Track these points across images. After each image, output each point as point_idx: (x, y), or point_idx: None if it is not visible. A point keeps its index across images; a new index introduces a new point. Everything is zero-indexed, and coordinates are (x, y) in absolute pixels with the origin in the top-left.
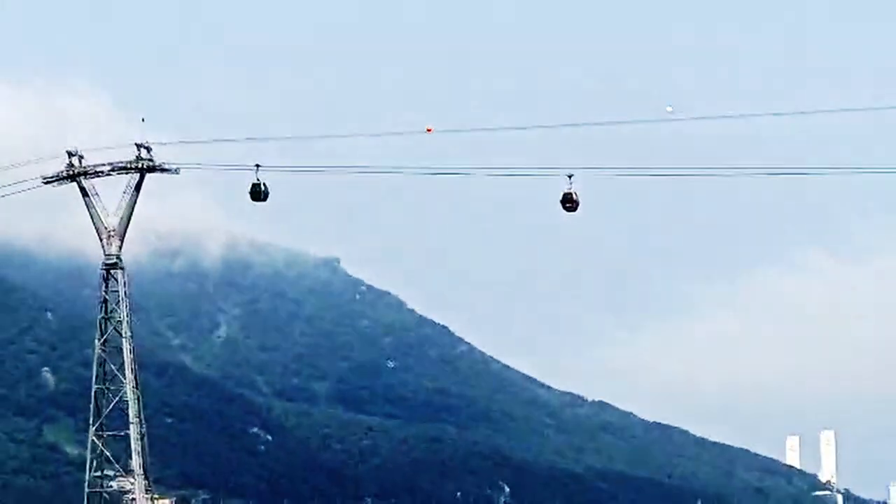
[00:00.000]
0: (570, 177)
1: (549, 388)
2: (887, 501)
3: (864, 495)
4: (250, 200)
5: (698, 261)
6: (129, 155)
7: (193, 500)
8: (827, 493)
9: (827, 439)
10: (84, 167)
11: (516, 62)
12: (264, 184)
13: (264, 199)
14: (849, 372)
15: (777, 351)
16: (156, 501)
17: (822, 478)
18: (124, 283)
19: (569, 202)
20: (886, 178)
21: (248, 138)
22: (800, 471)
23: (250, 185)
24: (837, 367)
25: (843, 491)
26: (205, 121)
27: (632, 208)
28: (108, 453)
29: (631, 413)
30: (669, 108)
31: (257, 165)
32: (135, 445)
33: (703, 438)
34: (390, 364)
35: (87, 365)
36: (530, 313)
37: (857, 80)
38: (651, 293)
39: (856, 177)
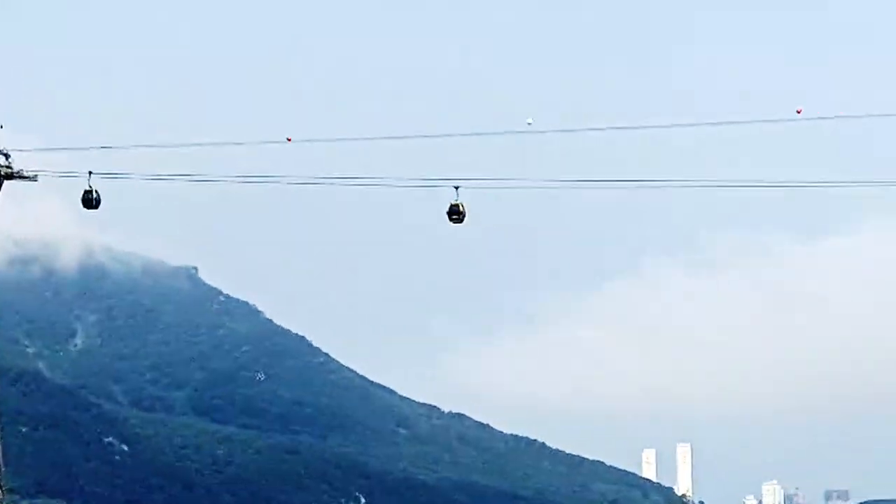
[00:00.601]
0: (456, 188)
1: (406, 399)
2: None
3: None
4: (83, 208)
5: (552, 273)
6: None
7: None
8: None
9: (683, 452)
10: None
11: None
12: (96, 191)
13: (96, 207)
14: (704, 385)
15: (632, 363)
16: None
17: (678, 491)
18: None
19: (455, 214)
20: (738, 192)
21: (103, 146)
22: (656, 484)
23: (82, 192)
24: (693, 380)
25: None
26: (68, 127)
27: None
28: None
29: (488, 425)
30: (530, 121)
31: (90, 172)
32: None
33: (559, 450)
34: (260, 377)
35: None
36: (388, 324)
37: (706, 98)
38: (505, 305)
39: (708, 191)
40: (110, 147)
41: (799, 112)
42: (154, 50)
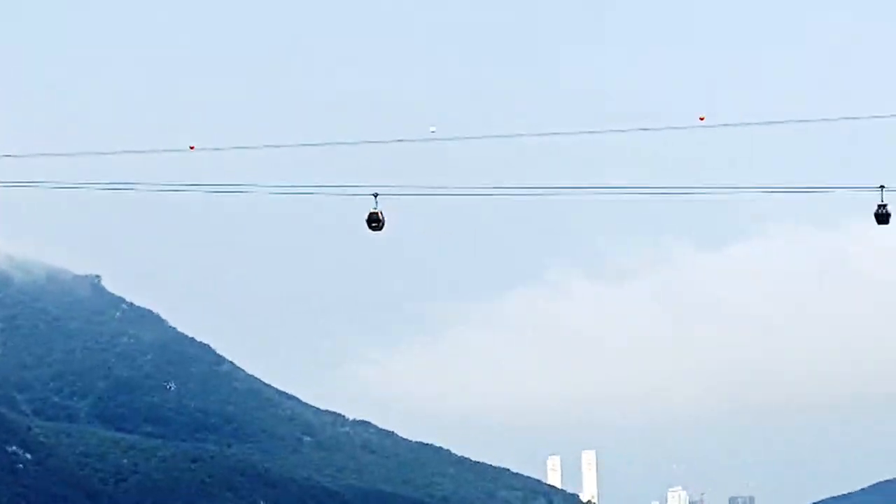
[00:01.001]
0: (375, 196)
1: (310, 406)
2: None
3: None
4: None
5: (455, 281)
6: None
7: None
8: None
9: (588, 459)
10: None
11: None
12: None
13: None
14: (609, 392)
15: (537, 371)
16: None
17: (584, 497)
18: None
19: (374, 222)
20: (640, 200)
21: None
22: (561, 490)
23: None
24: (598, 387)
25: None
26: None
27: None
28: None
29: (392, 432)
30: (433, 129)
31: None
32: None
33: (464, 458)
34: (170, 387)
35: None
36: (293, 332)
37: (611, 104)
38: (409, 313)
39: (611, 199)
40: (11, 156)
41: (702, 119)
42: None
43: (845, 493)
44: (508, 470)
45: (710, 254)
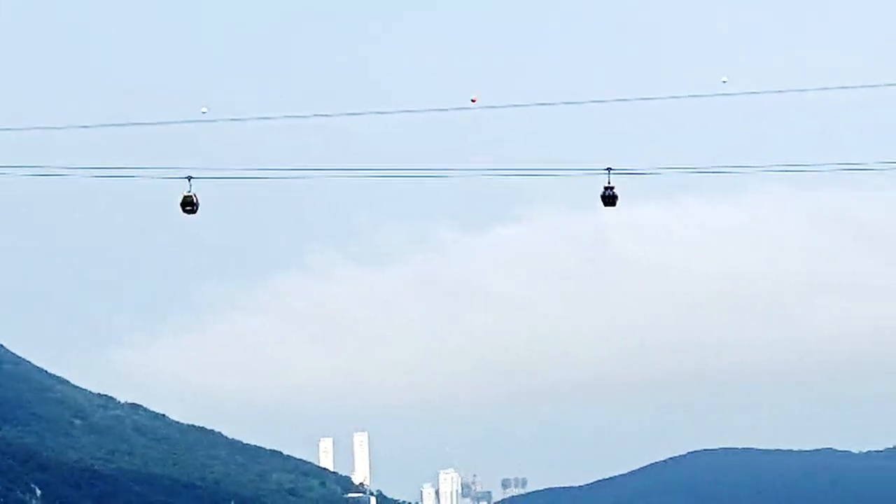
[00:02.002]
0: (189, 179)
1: (81, 389)
2: (419, 502)
3: (397, 496)
4: None
5: (219, 264)
6: None
7: None
8: (360, 495)
9: (360, 441)
10: None
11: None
12: None
13: None
14: (380, 375)
15: (306, 354)
16: None
17: (356, 479)
18: None
19: (189, 205)
20: (404, 182)
21: None
22: (333, 473)
23: None
24: (369, 369)
25: (376, 493)
26: None
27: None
28: None
29: (163, 415)
30: (204, 110)
31: None
32: None
33: (235, 440)
34: None
35: None
36: (62, 315)
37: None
38: (175, 296)
39: (373, 182)
40: None
41: (474, 101)
42: None
43: (614, 475)
44: (280, 453)
45: (473, 236)
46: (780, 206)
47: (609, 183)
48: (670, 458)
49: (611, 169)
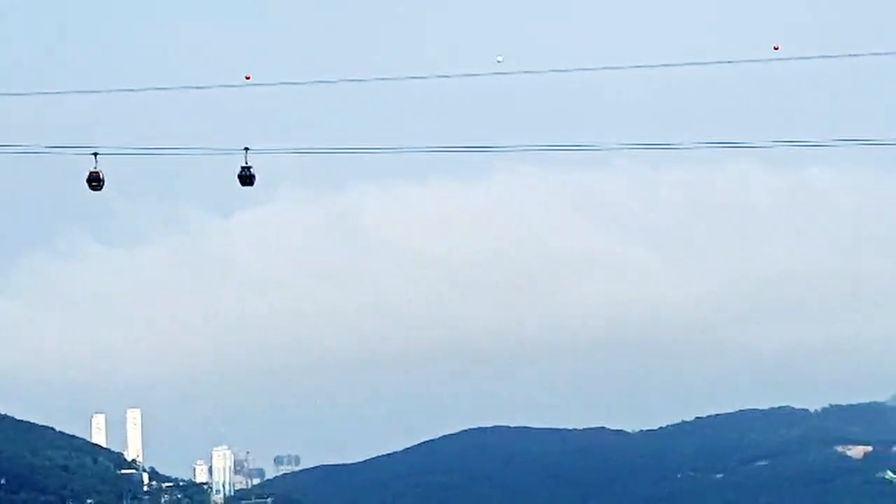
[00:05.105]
0: (95, 155)
1: None
2: (193, 479)
3: (170, 473)
4: None
5: None
6: None
7: None
8: (133, 471)
9: (133, 418)
10: None
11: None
12: None
13: None
14: (156, 352)
15: (69, 335)
16: None
17: (129, 456)
18: None
19: (95, 181)
20: (152, 164)
21: None
22: (106, 449)
23: None
24: (142, 348)
25: (148, 469)
26: None
27: None
28: None
29: None
30: None
31: None
32: None
33: (7, 415)
34: None
35: None
36: None
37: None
38: None
39: (120, 162)
40: None
41: (248, 78)
42: None
43: (388, 452)
44: (53, 429)
45: (223, 218)
46: (529, 187)
47: (246, 162)
48: (443, 437)
49: (248, 149)
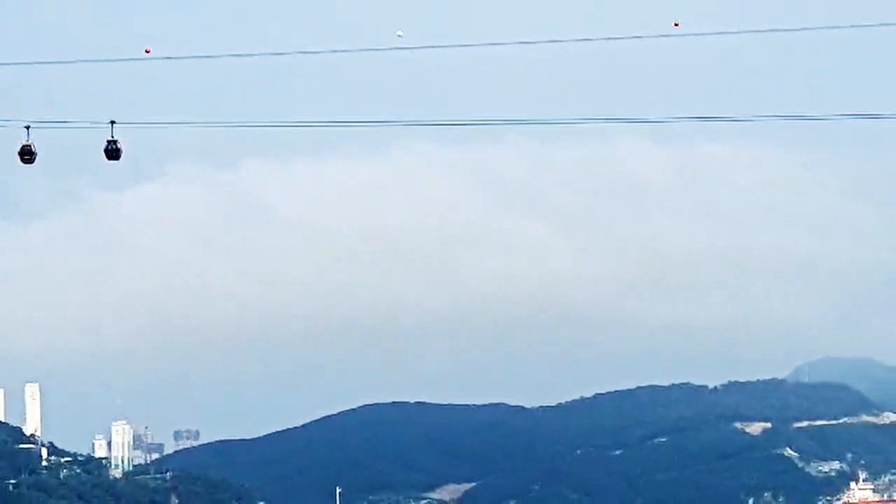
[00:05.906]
0: (27, 128)
1: None
2: (92, 454)
3: (68, 448)
4: None
5: None
6: None
7: None
8: (32, 446)
9: (32, 392)
10: None
11: None
12: None
13: None
14: (53, 327)
15: None
16: None
17: (27, 431)
18: None
19: (27, 154)
20: (44, 139)
21: None
22: (4, 423)
23: None
24: (41, 321)
25: (47, 444)
26: None
27: None
28: None
29: None
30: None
31: None
32: None
33: None
34: None
35: None
36: None
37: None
38: None
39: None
40: None
41: (148, 52)
42: None
43: (289, 426)
44: None
45: (117, 194)
46: (426, 163)
47: (112, 136)
48: (342, 412)
49: (114, 122)
